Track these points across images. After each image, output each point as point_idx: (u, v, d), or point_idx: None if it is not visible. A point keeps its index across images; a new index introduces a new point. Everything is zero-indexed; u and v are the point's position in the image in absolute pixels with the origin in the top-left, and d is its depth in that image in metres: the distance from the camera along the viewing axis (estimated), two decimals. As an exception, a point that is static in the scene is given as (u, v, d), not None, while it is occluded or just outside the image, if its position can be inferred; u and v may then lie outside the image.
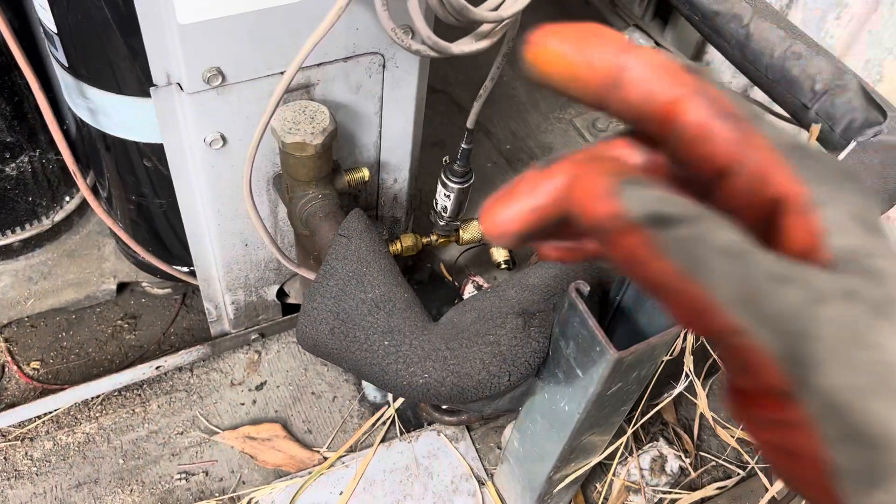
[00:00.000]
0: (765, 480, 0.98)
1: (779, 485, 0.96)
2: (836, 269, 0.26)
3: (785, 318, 0.26)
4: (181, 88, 0.80)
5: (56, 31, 0.84)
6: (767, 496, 0.94)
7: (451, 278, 1.32)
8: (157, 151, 0.95)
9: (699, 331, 0.27)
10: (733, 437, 1.04)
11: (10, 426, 1.10)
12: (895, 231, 1.26)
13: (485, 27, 0.76)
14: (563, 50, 0.28)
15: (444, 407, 1.09)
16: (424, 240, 1.15)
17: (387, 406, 1.16)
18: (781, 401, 0.26)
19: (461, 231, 1.16)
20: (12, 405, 1.11)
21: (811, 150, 0.28)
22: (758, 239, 0.27)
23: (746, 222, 0.29)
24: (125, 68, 0.85)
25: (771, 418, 0.27)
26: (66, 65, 0.88)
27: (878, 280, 0.26)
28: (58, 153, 1.13)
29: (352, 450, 1.11)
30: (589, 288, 0.68)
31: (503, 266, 1.19)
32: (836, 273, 0.26)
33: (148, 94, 0.81)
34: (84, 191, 0.96)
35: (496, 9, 0.72)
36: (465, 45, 0.76)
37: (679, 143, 0.28)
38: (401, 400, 1.16)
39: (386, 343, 0.74)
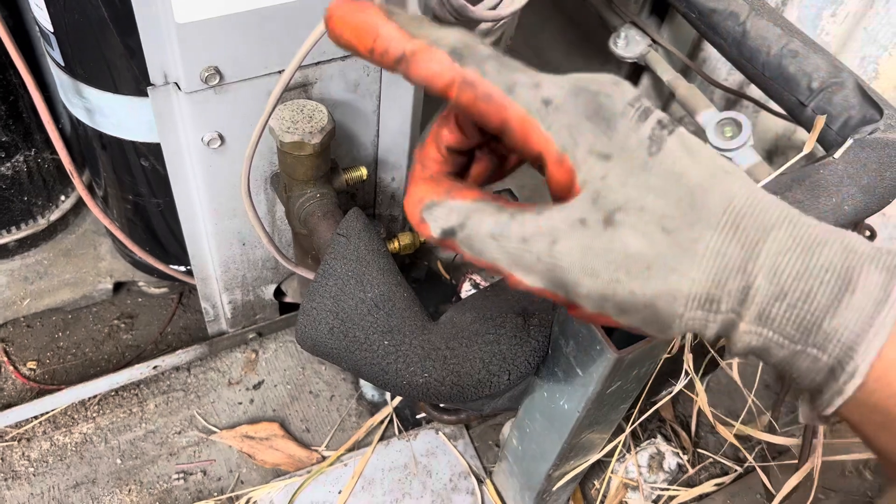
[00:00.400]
0: (763, 477, 0.99)
1: (785, 489, 0.96)
2: (580, 196, 0.38)
3: (544, 260, 0.38)
4: (179, 88, 0.79)
5: (52, 30, 0.84)
6: (778, 497, 0.94)
7: (448, 276, 1.32)
8: (154, 151, 0.95)
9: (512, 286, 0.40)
10: (732, 433, 1.04)
11: (6, 427, 1.09)
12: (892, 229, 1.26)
13: (483, 26, 0.76)
14: (343, 13, 0.40)
15: (442, 406, 1.09)
16: (422, 238, 1.14)
17: (385, 404, 1.16)
18: (571, 306, 0.40)
19: (459, 229, 1.16)
20: (9, 406, 1.11)
21: (558, 103, 0.39)
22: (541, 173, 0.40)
23: (531, 164, 0.42)
24: (122, 67, 0.85)
25: (572, 312, 0.42)
26: (63, 64, 0.88)
27: (605, 196, 0.37)
28: (53, 152, 1.13)
29: (350, 449, 1.11)
30: (589, 287, 0.68)
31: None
32: (573, 204, 0.38)
33: (145, 94, 0.80)
34: (80, 190, 0.96)
35: (494, 7, 0.72)
36: (464, 44, 0.76)
37: (463, 114, 0.43)
38: (399, 398, 1.16)
39: (386, 343, 0.74)
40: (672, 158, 0.38)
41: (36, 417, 1.11)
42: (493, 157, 0.46)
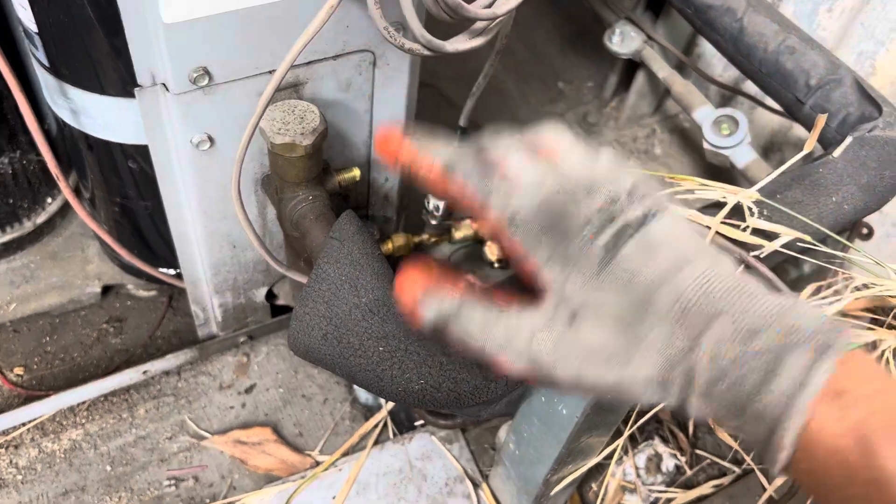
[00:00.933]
0: (762, 478, 0.98)
1: (777, 482, 0.95)
2: (548, 299, 0.47)
3: (525, 351, 0.47)
4: (167, 89, 0.77)
5: (36, 31, 0.82)
6: (765, 496, 0.93)
7: (442, 277, 1.30)
8: (141, 152, 0.93)
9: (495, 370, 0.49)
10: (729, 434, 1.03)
11: (-7, 434, 1.07)
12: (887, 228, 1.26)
13: (479, 24, 0.74)
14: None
15: (438, 411, 1.07)
16: (416, 239, 1.13)
17: (379, 408, 1.14)
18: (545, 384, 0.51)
19: (453, 230, 1.14)
20: (-4, 412, 1.09)
21: (521, 218, 0.47)
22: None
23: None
24: (108, 68, 0.83)
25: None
26: (47, 65, 0.86)
27: (567, 298, 0.46)
28: (39, 154, 1.11)
29: (344, 453, 1.10)
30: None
31: (496, 265, 1.18)
32: (544, 306, 0.47)
33: (132, 95, 0.78)
34: (66, 193, 0.94)
35: (490, 6, 0.71)
36: (460, 43, 0.74)
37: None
38: (393, 401, 1.15)
39: (380, 349, 0.72)
40: (625, 264, 0.45)
41: (24, 424, 1.09)
42: None
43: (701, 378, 0.43)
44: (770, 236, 0.74)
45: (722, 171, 1.51)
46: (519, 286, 0.51)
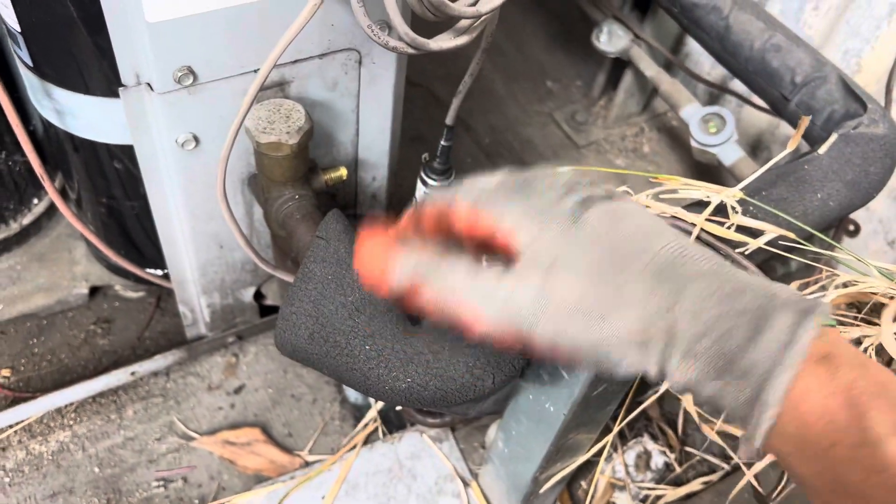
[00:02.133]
0: (750, 477, 0.98)
1: (756, 468, 0.95)
2: (523, 257, 0.46)
3: (504, 309, 0.45)
4: (151, 88, 0.77)
5: (19, 30, 0.81)
6: (742, 482, 0.93)
7: (431, 276, 1.30)
8: (127, 152, 0.92)
9: (467, 336, 0.48)
10: (717, 431, 1.03)
11: (-20, 437, 1.07)
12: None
13: (463, 23, 0.74)
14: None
15: (426, 410, 1.07)
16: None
17: (369, 408, 1.14)
18: (518, 347, 0.47)
19: (441, 229, 1.14)
20: (-18, 415, 1.08)
21: (490, 188, 0.50)
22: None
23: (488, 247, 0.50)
24: (92, 68, 0.82)
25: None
26: (31, 64, 0.85)
27: (540, 255, 0.45)
28: (24, 155, 1.10)
29: (334, 453, 1.10)
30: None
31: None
32: (520, 264, 0.46)
33: (116, 95, 0.78)
34: (52, 194, 0.93)
35: (474, 4, 0.71)
36: (444, 42, 0.74)
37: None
38: (383, 401, 1.14)
39: (367, 348, 0.72)
40: (594, 224, 0.45)
41: (11, 426, 1.08)
42: None
43: (684, 334, 0.42)
44: (755, 234, 0.74)
45: (710, 169, 1.51)
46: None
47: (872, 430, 0.38)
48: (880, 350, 0.64)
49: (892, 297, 0.66)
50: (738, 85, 1.27)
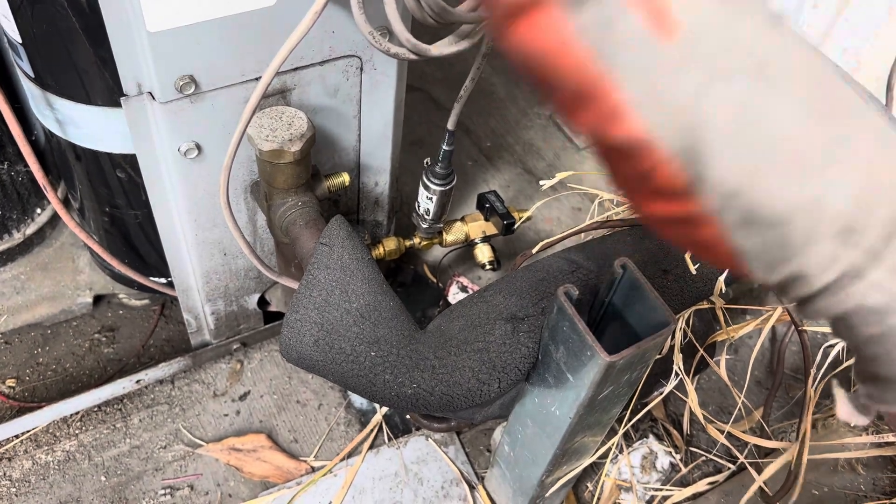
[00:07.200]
0: (755, 475, 0.98)
1: (768, 471, 0.96)
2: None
3: (682, 111, 0.26)
4: (153, 98, 0.77)
5: (20, 41, 0.82)
6: (754, 487, 0.94)
7: (435, 280, 1.30)
8: (130, 162, 0.93)
9: (602, 144, 0.28)
10: (722, 432, 1.03)
11: (-14, 447, 1.07)
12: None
13: (464, 28, 0.74)
14: None
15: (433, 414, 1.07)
16: (407, 243, 1.13)
17: (374, 412, 1.14)
18: (683, 199, 0.27)
19: (444, 233, 1.14)
20: (-12, 425, 1.08)
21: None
22: None
23: None
24: (94, 78, 0.83)
25: (675, 217, 0.29)
26: (32, 75, 0.86)
27: (752, 48, 0.27)
28: (27, 165, 1.10)
29: (340, 458, 1.10)
30: (577, 291, 0.67)
31: (487, 266, 1.18)
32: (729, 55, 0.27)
33: (118, 104, 0.78)
34: (55, 203, 0.94)
35: (475, 9, 0.71)
36: (445, 47, 0.74)
37: None
38: (388, 405, 1.14)
39: (372, 354, 0.72)
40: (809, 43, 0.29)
41: (17, 436, 1.08)
42: None
43: None
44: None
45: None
46: None
47: None
48: None
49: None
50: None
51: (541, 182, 0.95)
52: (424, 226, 1.12)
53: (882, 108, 0.29)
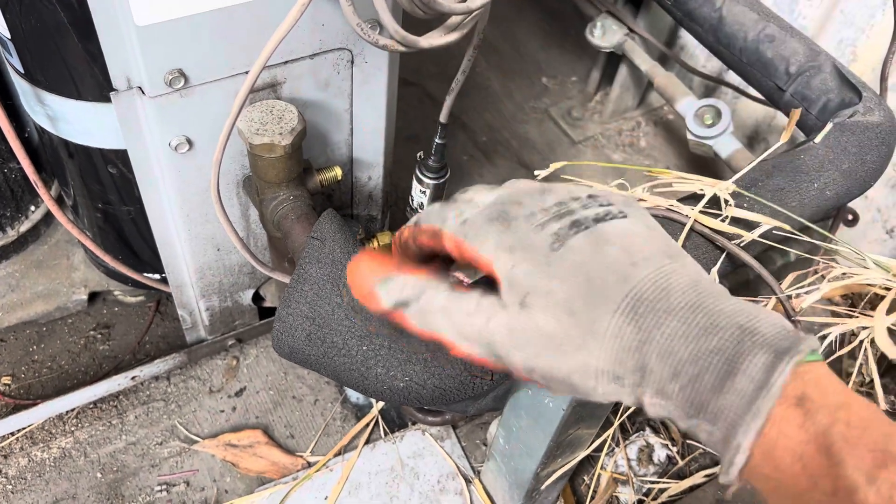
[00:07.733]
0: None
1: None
2: (501, 284, 0.46)
3: (482, 335, 0.46)
4: (142, 92, 0.77)
5: (9, 37, 0.81)
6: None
7: (430, 274, 1.30)
8: (121, 157, 0.92)
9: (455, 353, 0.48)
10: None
11: (-18, 445, 1.07)
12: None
13: (454, 19, 0.74)
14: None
15: (426, 408, 1.07)
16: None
17: (370, 407, 1.14)
18: (499, 367, 0.47)
19: (438, 227, 1.14)
20: (-17, 423, 1.08)
21: (470, 219, 0.49)
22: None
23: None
24: (84, 73, 0.82)
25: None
26: (22, 71, 0.85)
27: (517, 283, 0.45)
28: (19, 162, 1.10)
29: (336, 453, 1.10)
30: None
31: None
32: (500, 290, 0.46)
33: (108, 99, 0.78)
34: (47, 201, 0.93)
35: (464, 0, 0.70)
36: (434, 39, 0.74)
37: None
38: (383, 400, 1.14)
39: (364, 348, 0.72)
40: (574, 252, 0.44)
41: (12, 433, 1.08)
42: None
43: (655, 374, 0.41)
44: (751, 225, 0.74)
45: (707, 162, 1.51)
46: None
47: (847, 478, 0.37)
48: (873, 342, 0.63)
49: (887, 290, 0.66)
50: (733, 77, 1.27)
51: (536, 173, 0.95)
52: (419, 220, 1.11)
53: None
